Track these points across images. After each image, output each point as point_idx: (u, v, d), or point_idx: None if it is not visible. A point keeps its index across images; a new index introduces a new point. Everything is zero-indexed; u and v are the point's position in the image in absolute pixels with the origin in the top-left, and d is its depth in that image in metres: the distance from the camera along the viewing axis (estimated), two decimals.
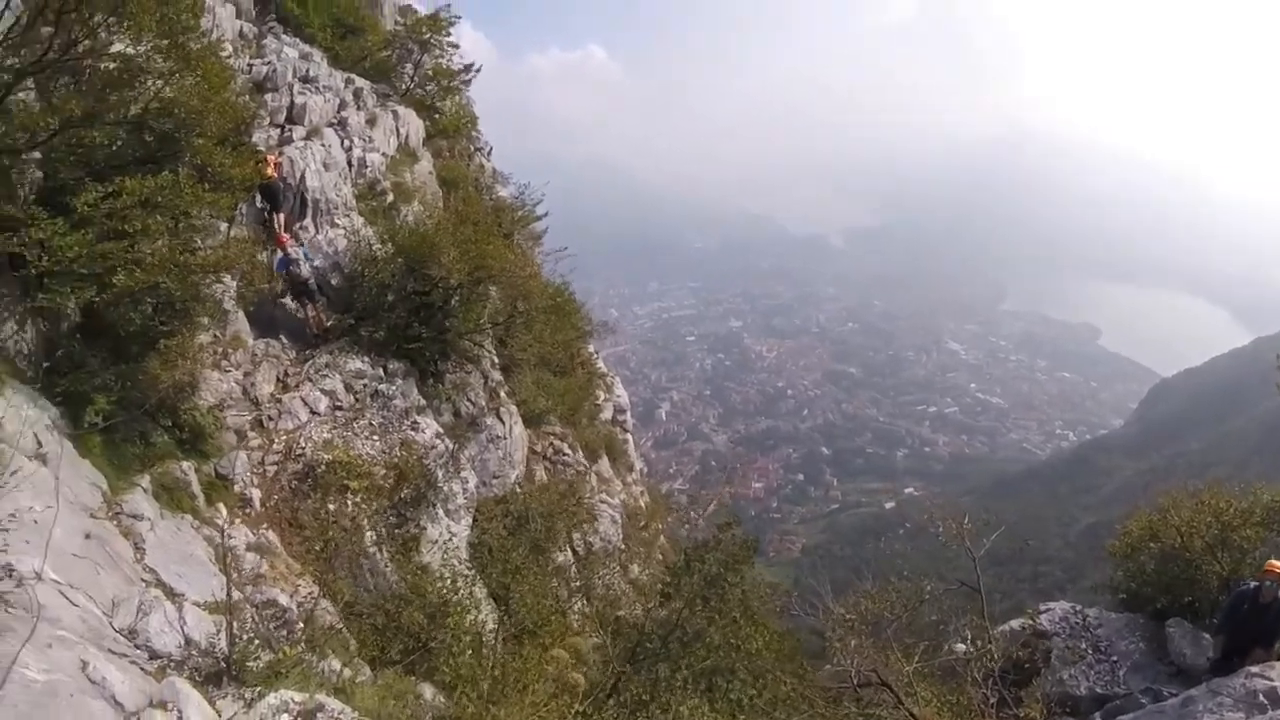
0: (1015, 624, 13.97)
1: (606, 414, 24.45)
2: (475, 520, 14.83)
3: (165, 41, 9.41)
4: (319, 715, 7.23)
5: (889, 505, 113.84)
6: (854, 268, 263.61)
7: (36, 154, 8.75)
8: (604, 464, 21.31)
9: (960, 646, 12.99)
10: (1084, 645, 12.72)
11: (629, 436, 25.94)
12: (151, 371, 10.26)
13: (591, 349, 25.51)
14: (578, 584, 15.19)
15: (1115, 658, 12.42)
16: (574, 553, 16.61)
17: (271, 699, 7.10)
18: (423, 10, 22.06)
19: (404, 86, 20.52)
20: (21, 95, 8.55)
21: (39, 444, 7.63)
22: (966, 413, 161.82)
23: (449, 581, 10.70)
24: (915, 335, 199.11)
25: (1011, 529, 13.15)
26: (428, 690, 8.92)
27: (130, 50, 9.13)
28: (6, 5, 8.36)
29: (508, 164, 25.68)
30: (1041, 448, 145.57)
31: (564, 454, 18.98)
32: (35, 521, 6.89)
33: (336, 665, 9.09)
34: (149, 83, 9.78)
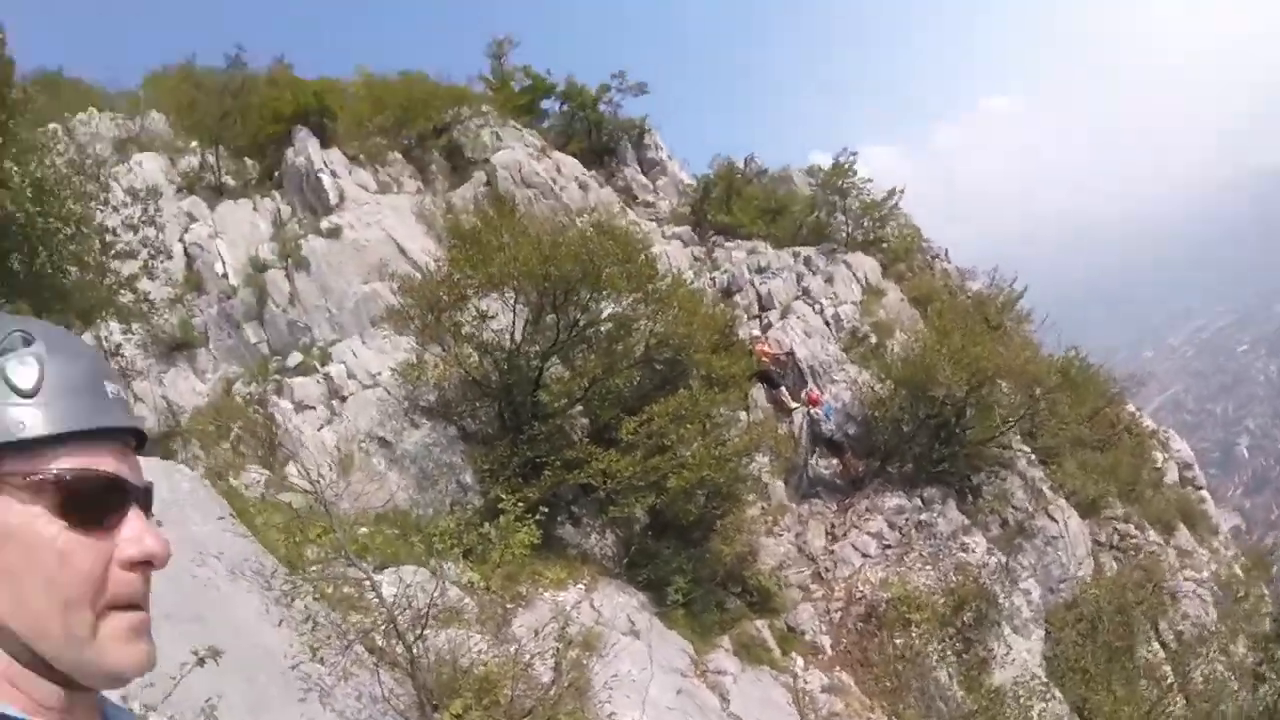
0: None
1: (1171, 476, 21.24)
2: (1048, 632, 13.62)
3: (639, 293, 12.15)
4: None
5: None
6: None
7: (579, 407, 11.83)
8: (1182, 535, 18.27)
9: None
10: None
11: (1205, 494, 22.18)
12: (715, 550, 12.34)
13: (1131, 408, 22.22)
14: (1170, 681, 12.49)
15: None
16: (1162, 645, 13.94)
17: None
18: (826, 161, 23.13)
19: (843, 235, 21.61)
20: (552, 370, 11.81)
21: (631, 623, 9.77)
22: None
23: (1021, 700, 9.93)
24: None
25: None
26: None
27: (617, 309, 12.02)
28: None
29: (959, 250, 24.63)
30: None
31: (1131, 536, 16.57)
32: (634, 681, 8.76)
33: None
34: (641, 325, 12.58)
